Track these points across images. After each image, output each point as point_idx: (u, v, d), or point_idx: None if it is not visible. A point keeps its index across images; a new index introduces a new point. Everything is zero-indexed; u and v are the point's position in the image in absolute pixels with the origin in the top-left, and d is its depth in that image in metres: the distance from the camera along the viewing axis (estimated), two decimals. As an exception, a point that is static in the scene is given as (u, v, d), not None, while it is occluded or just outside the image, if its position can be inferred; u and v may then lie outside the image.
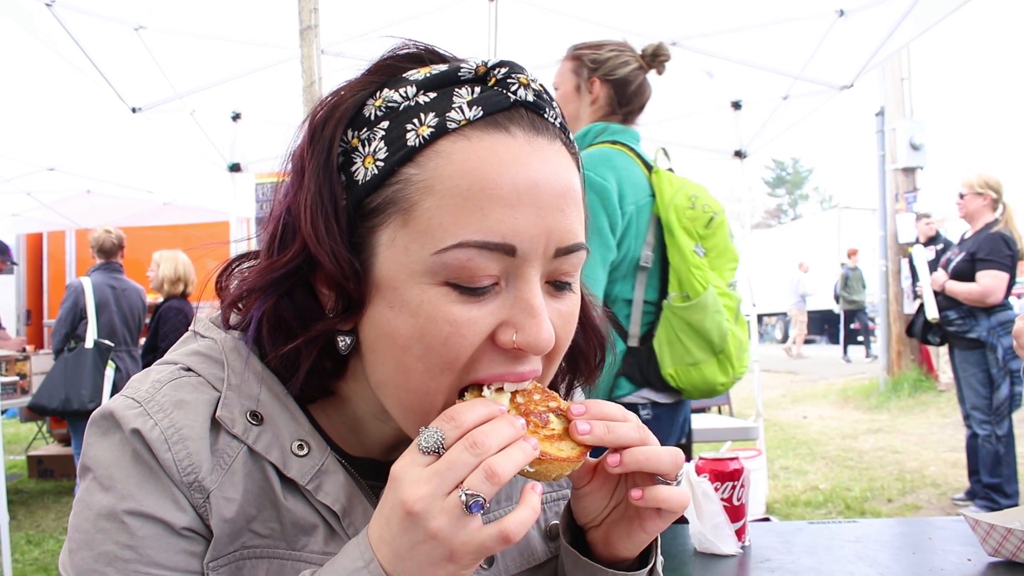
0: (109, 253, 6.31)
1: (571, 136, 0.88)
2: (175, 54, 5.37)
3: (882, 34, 5.20)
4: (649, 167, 2.72)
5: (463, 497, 0.71)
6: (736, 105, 6.46)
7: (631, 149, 2.71)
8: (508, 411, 0.80)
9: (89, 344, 5.91)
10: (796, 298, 21.39)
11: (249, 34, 5.18)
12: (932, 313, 6.24)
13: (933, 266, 6.52)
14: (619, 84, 2.75)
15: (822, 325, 27.53)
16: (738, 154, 6.86)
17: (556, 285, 0.84)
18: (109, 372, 5.81)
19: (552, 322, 0.81)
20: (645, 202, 2.63)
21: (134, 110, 5.83)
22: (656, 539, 0.95)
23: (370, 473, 0.95)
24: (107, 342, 5.97)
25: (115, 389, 5.63)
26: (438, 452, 0.75)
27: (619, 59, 2.76)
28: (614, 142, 2.70)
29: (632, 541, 0.91)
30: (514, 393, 0.84)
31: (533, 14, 5.03)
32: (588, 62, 2.77)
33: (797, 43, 5.57)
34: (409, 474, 0.74)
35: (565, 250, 0.82)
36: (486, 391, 0.82)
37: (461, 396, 0.82)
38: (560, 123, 0.86)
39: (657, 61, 2.80)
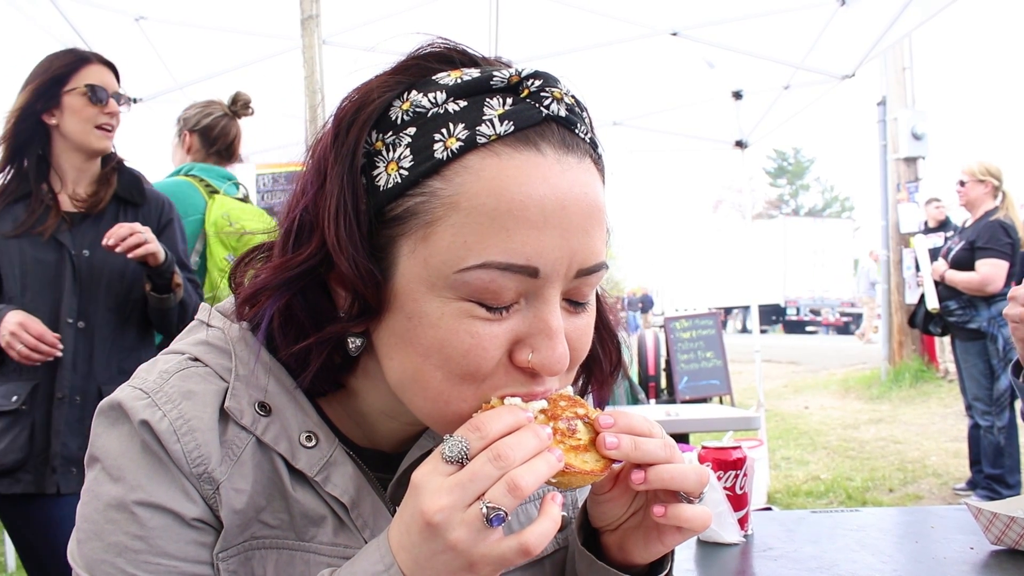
0: None
1: (600, 151, 0.86)
2: (176, 44, 5.37)
3: (884, 23, 5.19)
4: (216, 194, 3.42)
5: (484, 510, 0.71)
6: (737, 95, 6.43)
7: (201, 180, 3.42)
8: (535, 418, 0.79)
9: None
10: (866, 286, 21.73)
11: (250, 24, 5.17)
12: (932, 303, 6.22)
13: (937, 252, 6.49)
14: (203, 132, 3.52)
15: (771, 317, 30.54)
16: (739, 144, 6.85)
17: (574, 303, 0.83)
18: None
19: (568, 335, 0.81)
20: (196, 218, 3.32)
21: (134, 100, 5.82)
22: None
23: (378, 465, 0.95)
24: None
25: None
26: (461, 462, 0.74)
27: (203, 113, 3.54)
28: (191, 175, 3.44)
29: (648, 550, 0.90)
30: None
31: (535, 3, 5.01)
32: (181, 120, 3.60)
33: (798, 32, 5.56)
34: (431, 483, 0.73)
35: (587, 271, 0.81)
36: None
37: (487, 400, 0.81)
38: (590, 138, 0.84)
39: (240, 106, 3.57)
